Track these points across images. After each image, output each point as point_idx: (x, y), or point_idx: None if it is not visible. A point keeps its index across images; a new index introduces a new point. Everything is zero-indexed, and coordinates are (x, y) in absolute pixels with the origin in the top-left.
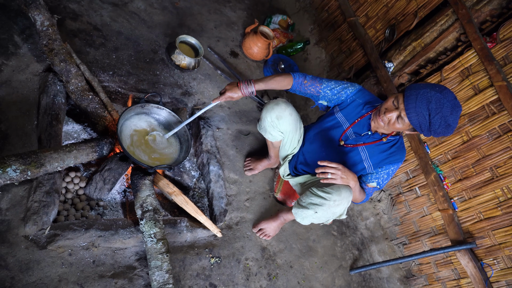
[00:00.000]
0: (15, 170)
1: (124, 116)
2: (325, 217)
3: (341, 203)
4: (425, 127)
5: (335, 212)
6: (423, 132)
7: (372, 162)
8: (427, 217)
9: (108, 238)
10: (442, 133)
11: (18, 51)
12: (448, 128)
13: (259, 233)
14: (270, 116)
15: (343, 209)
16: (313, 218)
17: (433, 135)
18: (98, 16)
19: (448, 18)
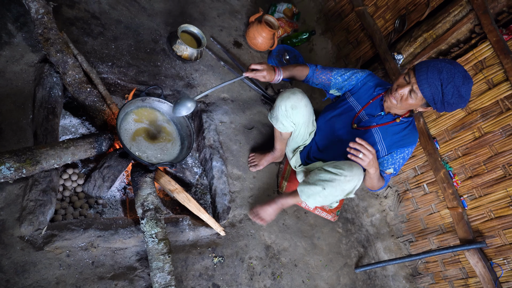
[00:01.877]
0: (9, 168)
1: (124, 110)
2: (332, 196)
3: (352, 180)
4: (438, 99)
5: (344, 189)
6: (437, 106)
7: (385, 144)
8: (435, 215)
9: (107, 238)
10: (456, 104)
11: (12, 40)
12: (461, 99)
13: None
14: (285, 105)
15: (353, 186)
16: (320, 196)
17: (446, 109)
18: (96, 4)
19: (462, 9)
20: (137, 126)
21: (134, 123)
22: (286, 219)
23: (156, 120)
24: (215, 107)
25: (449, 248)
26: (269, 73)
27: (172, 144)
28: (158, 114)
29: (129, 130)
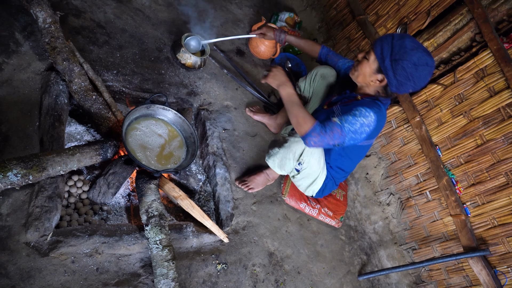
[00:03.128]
0: (16, 175)
1: (129, 117)
2: (285, 156)
3: (301, 141)
4: (387, 54)
5: (295, 151)
6: (386, 67)
7: (341, 110)
8: (438, 222)
9: (112, 245)
10: (409, 69)
11: (20, 49)
12: (417, 68)
13: (242, 185)
14: (317, 71)
15: (301, 149)
16: (277, 157)
17: (397, 74)
18: (102, 13)
19: (462, 17)
20: (142, 133)
21: (139, 130)
22: (289, 226)
23: (161, 127)
24: (219, 115)
25: (452, 255)
26: (269, 30)
27: (176, 151)
28: (162, 122)
29: (134, 137)
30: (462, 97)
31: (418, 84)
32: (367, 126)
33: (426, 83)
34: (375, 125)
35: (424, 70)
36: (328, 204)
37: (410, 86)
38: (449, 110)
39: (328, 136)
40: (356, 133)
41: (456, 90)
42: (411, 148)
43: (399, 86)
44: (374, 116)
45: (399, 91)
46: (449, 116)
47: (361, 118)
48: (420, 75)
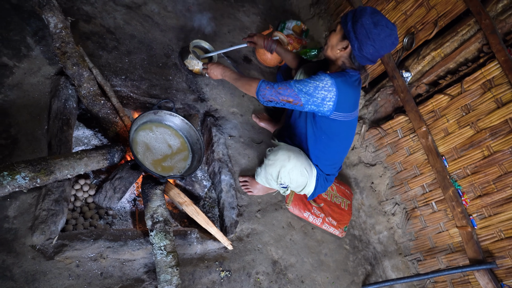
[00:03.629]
0: (24, 178)
1: (137, 123)
2: (268, 176)
3: (274, 164)
4: (350, 18)
5: (271, 172)
6: (348, 30)
7: None
8: (444, 234)
9: (116, 249)
10: (367, 26)
11: (31, 53)
12: (376, 26)
13: (242, 184)
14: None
15: (278, 170)
16: (261, 176)
17: (358, 34)
18: (112, 19)
19: (470, 28)
20: (149, 138)
21: (146, 136)
22: (294, 235)
23: (168, 133)
24: (225, 121)
25: (458, 268)
26: (260, 38)
27: (183, 157)
28: (169, 128)
29: (141, 143)
30: (469, 107)
31: (378, 45)
32: (324, 90)
33: (388, 48)
34: (337, 91)
35: (383, 31)
36: (332, 213)
37: (371, 46)
38: (456, 120)
39: (276, 90)
40: (312, 96)
41: (463, 100)
42: (417, 158)
43: (361, 47)
44: (331, 80)
45: (361, 55)
46: (456, 127)
47: (314, 81)
48: (379, 34)
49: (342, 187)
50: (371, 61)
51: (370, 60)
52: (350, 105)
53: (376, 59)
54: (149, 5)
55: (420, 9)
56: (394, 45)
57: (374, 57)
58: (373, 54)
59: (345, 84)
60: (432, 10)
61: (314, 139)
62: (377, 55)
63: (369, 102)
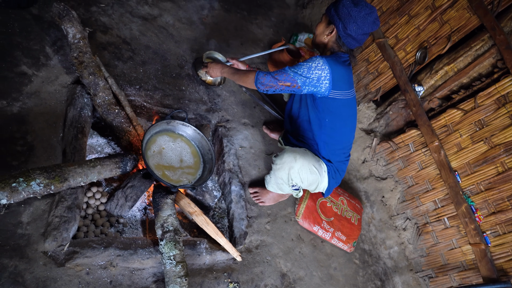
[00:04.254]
0: (39, 184)
1: (150, 132)
2: (277, 181)
3: (282, 167)
4: (332, 5)
5: (280, 176)
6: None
7: None
8: (456, 250)
9: (126, 258)
10: (348, 6)
11: (49, 62)
12: (356, 5)
13: (253, 195)
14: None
15: (287, 172)
16: (271, 182)
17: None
18: (128, 30)
19: (484, 43)
20: (161, 148)
21: (158, 145)
22: (303, 248)
23: (180, 143)
24: (236, 132)
25: (471, 286)
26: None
27: (194, 167)
28: (182, 137)
29: (153, 152)
30: (482, 123)
31: (360, 22)
32: (318, 69)
33: (370, 25)
34: (330, 69)
35: (363, 9)
36: (342, 228)
37: (353, 23)
38: (469, 135)
39: (273, 76)
40: (307, 77)
41: (476, 115)
42: (429, 172)
43: (345, 26)
44: (322, 60)
45: (346, 34)
46: (469, 142)
47: (307, 63)
48: (359, 11)
49: (353, 201)
50: (357, 42)
51: (355, 39)
52: (345, 82)
53: (361, 38)
54: (164, 16)
55: (433, 24)
56: (376, 25)
57: (358, 36)
58: (356, 31)
59: (336, 62)
60: (445, 25)
61: (318, 124)
62: (361, 32)
63: (380, 116)
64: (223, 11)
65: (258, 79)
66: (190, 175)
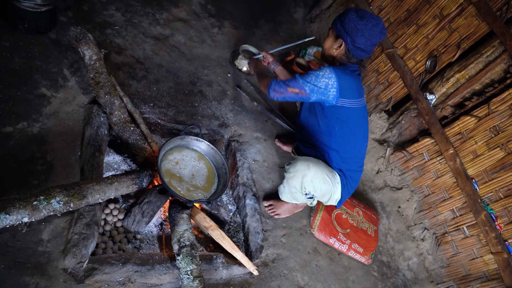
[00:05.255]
0: (58, 202)
1: (165, 148)
2: (291, 190)
3: (295, 175)
4: (337, 19)
5: (294, 184)
6: (339, 29)
7: None
8: (478, 260)
9: (144, 274)
10: (354, 20)
11: (67, 83)
12: (362, 18)
13: (268, 208)
14: None
15: (300, 181)
16: (284, 192)
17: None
18: (141, 50)
19: (494, 50)
20: (176, 163)
21: (173, 161)
22: (319, 260)
23: (194, 158)
24: (249, 146)
25: None
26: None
27: (209, 181)
28: (195, 153)
29: (169, 167)
30: (498, 129)
31: (367, 34)
32: (325, 78)
33: (377, 36)
34: (337, 78)
35: (369, 21)
36: (358, 240)
37: (361, 36)
38: (485, 142)
39: (284, 84)
40: (315, 85)
41: (491, 122)
42: (445, 181)
43: (353, 39)
44: (329, 69)
45: (355, 47)
46: (485, 149)
47: (315, 72)
48: (366, 24)
49: (369, 212)
50: (366, 52)
51: (364, 50)
52: (353, 91)
53: (370, 49)
54: (176, 36)
55: (442, 32)
56: (383, 34)
57: (367, 47)
58: (365, 44)
59: (343, 72)
60: (455, 33)
61: (328, 132)
62: (369, 44)
63: (393, 125)
64: (233, 28)
65: (271, 86)
66: (205, 189)
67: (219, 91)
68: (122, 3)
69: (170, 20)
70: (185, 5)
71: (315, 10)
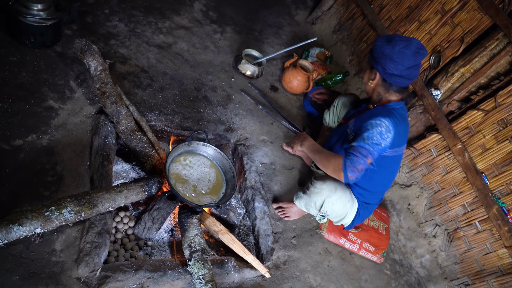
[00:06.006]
0: (70, 212)
1: (172, 155)
2: (308, 202)
3: (321, 192)
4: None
5: (315, 200)
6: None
7: (354, 128)
8: (492, 255)
9: (156, 280)
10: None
11: (73, 95)
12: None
13: (278, 210)
14: (339, 100)
15: (322, 199)
16: (302, 199)
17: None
18: (145, 59)
19: (499, 42)
20: (184, 169)
21: (181, 167)
22: (331, 261)
23: (202, 163)
24: (255, 149)
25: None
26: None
27: (217, 185)
28: (203, 158)
29: (177, 173)
30: (506, 121)
31: (397, 58)
32: (387, 132)
33: (410, 58)
34: (395, 130)
35: (397, 44)
36: (369, 239)
37: (389, 61)
38: (493, 135)
39: (358, 162)
40: (380, 144)
41: (498, 115)
42: (454, 176)
43: (383, 66)
44: (387, 121)
45: (388, 74)
46: (494, 142)
47: (376, 129)
48: (393, 47)
49: (379, 210)
50: (405, 78)
51: (401, 76)
52: (402, 139)
53: (407, 74)
54: (179, 43)
55: (445, 27)
56: (420, 54)
57: (402, 72)
58: (397, 68)
59: (399, 121)
60: (457, 27)
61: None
62: (403, 68)
63: None
64: (235, 33)
65: (346, 175)
66: (214, 194)
67: (224, 96)
68: (125, 14)
69: (173, 28)
70: (186, 12)
71: (316, 12)
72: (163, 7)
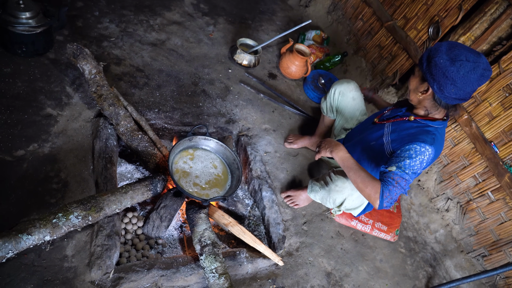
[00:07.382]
0: (77, 217)
1: (174, 151)
2: (325, 198)
3: (341, 191)
4: (425, 58)
5: (334, 198)
6: (425, 72)
7: (391, 137)
8: (507, 224)
9: (170, 277)
10: (443, 65)
11: (71, 101)
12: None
13: (287, 199)
14: (335, 89)
15: (342, 198)
16: (318, 193)
17: (436, 76)
18: (139, 58)
19: (498, 6)
20: (187, 164)
21: (184, 162)
22: (344, 243)
23: (204, 157)
24: (258, 139)
25: None
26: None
27: (222, 178)
28: (205, 152)
29: (181, 170)
30: (511, 87)
31: (460, 83)
32: (428, 160)
33: (475, 83)
34: (434, 155)
35: (463, 67)
36: (381, 218)
37: (451, 85)
38: (500, 103)
39: (396, 192)
40: (416, 173)
41: (503, 81)
42: (463, 148)
43: (441, 88)
44: (431, 149)
45: (445, 96)
46: (501, 109)
47: (420, 157)
48: (458, 71)
49: None
50: (460, 100)
51: (457, 99)
52: (436, 157)
53: (465, 97)
54: (172, 39)
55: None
56: (485, 77)
57: (460, 96)
58: (457, 93)
59: (439, 145)
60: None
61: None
62: (463, 94)
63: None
64: (228, 24)
65: (382, 204)
66: (219, 187)
67: (222, 88)
68: (115, 14)
69: (165, 25)
70: (177, 7)
71: None
72: (153, 4)
